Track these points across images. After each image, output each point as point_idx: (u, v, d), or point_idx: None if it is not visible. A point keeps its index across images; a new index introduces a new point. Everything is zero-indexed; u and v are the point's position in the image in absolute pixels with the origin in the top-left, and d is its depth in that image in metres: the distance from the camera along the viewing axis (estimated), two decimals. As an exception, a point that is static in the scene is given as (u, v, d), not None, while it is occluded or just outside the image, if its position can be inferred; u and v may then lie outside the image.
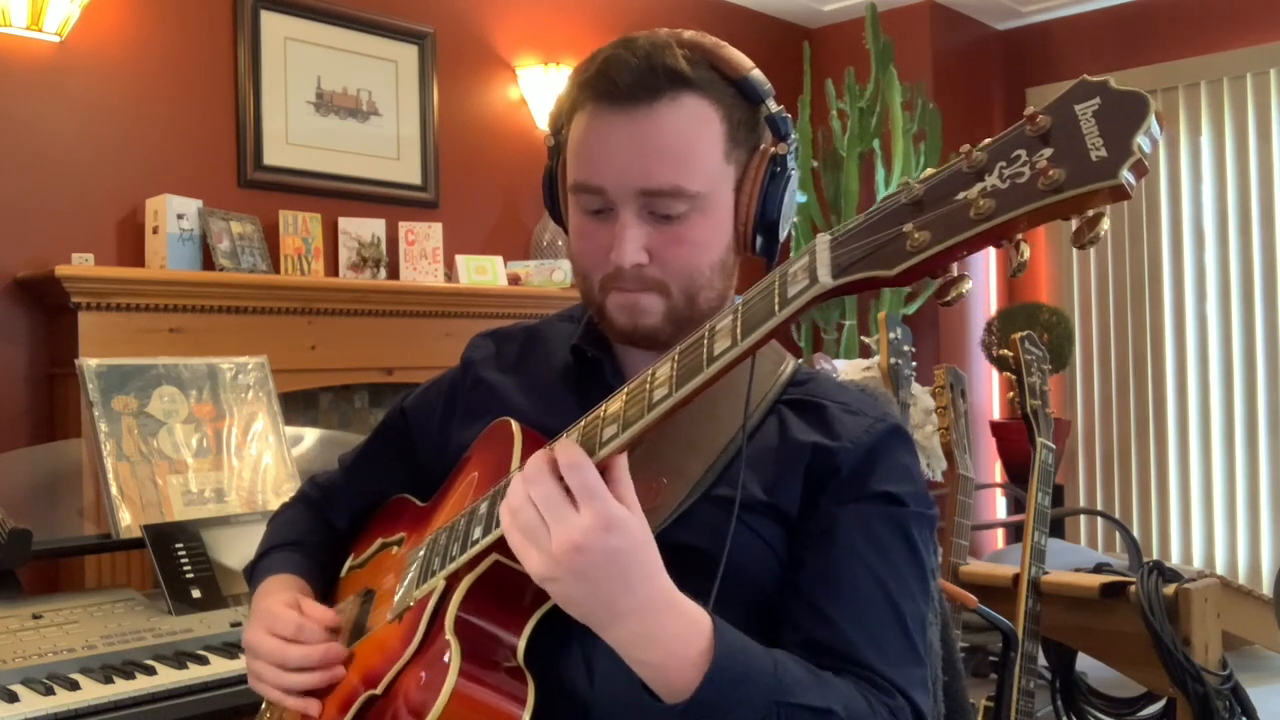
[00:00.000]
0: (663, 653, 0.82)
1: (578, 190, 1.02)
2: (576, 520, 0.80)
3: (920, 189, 0.73)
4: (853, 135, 4.62)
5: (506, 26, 4.26)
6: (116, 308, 3.00)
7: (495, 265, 3.96)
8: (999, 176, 0.70)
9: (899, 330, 2.52)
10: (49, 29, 3.02)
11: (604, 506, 0.80)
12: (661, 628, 0.82)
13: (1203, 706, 2.08)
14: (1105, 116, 0.68)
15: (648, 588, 0.82)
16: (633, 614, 0.82)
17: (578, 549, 0.79)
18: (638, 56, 0.97)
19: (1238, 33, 4.87)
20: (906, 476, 1.02)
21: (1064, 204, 0.67)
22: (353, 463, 1.29)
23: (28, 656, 1.54)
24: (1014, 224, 0.69)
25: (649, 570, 0.83)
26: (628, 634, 0.83)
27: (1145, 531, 5.14)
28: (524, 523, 0.82)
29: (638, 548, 0.82)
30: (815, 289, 0.75)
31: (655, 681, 0.84)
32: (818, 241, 0.78)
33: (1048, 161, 0.68)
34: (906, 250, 0.72)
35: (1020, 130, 0.71)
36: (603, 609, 0.82)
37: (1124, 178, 0.65)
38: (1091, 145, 0.67)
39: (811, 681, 0.89)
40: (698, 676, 0.82)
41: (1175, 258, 5.09)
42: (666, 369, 0.83)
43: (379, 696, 0.96)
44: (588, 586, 0.81)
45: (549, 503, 0.81)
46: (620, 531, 0.80)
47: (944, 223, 0.71)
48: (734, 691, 0.83)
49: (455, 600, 0.92)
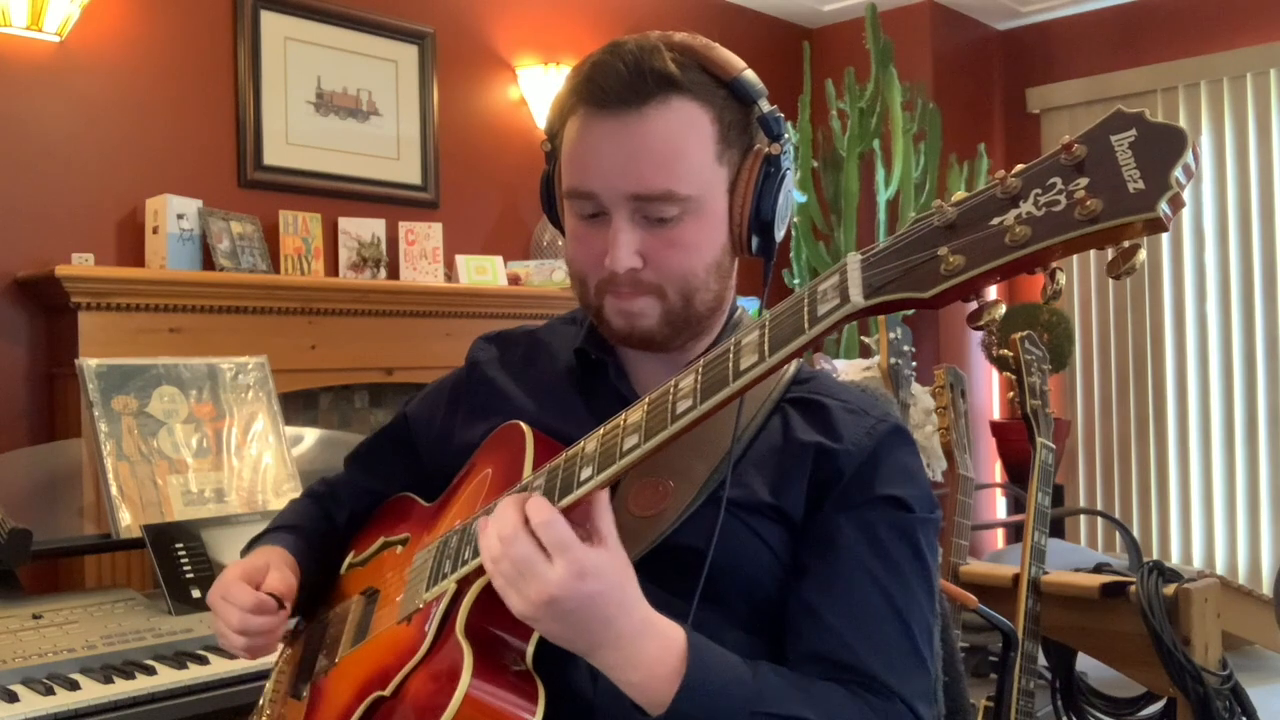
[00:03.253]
0: (642, 673, 0.86)
1: (571, 196, 1.02)
2: (551, 574, 0.83)
3: (954, 213, 0.73)
4: (853, 135, 4.62)
5: (506, 26, 4.26)
6: (116, 308, 3.00)
7: (495, 265, 3.96)
8: (1034, 204, 0.70)
9: (899, 330, 2.52)
10: (49, 29, 3.02)
11: (576, 557, 0.83)
12: (639, 651, 0.86)
13: (1203, 706, 2.08)
14: (1142, 148, 0.68)
15: (625, 619, 0.86)
16: (610, 644, 0.86)
17: (553, 600, 0.83)
18: (626, 61, 0.97)
19: (1238, 33, 4.87)
20: (910, 479, 1.02)
21: (1101, 234, 0.67)
22: (355, 461, 1.31)
23: (28, 656, 1.54)
24: (1050, 252, 0.69)
25: (626, 605, 0.86)
26: (608, 660, 0.87)
27: (1145, 531, 5.14)
28: (504, 572, 0.85)
29: (613, 588, 0.85)
30: (847, 308, 0.75)
31: (638, 698, 0.87)
32: (849, 261, 0.78)
33: (1085, 191, 0.68)
34: (941, 274, 0.72)
35: (1056, 158, 0.71)
36: (582, 642, 0.86)
37: (1162, 210, 0.66)
38: (1129, 177, 0.67)
39: (793, 692, 0.90)
40: (672, 691, 0.85)
41: (1175, 258, 5.09)
42: (690, 380, 0.83)
43: (388, 697, 0.96)
44: (567, 626, 0.85)
45: (523, 562, 0.84)
46: (594, 577, 0.84)
47: (979, 248, 0.71)
48: (709, 704, 0.86)
49: (466, 604, 0.92)
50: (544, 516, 0.84)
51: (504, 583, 0.86)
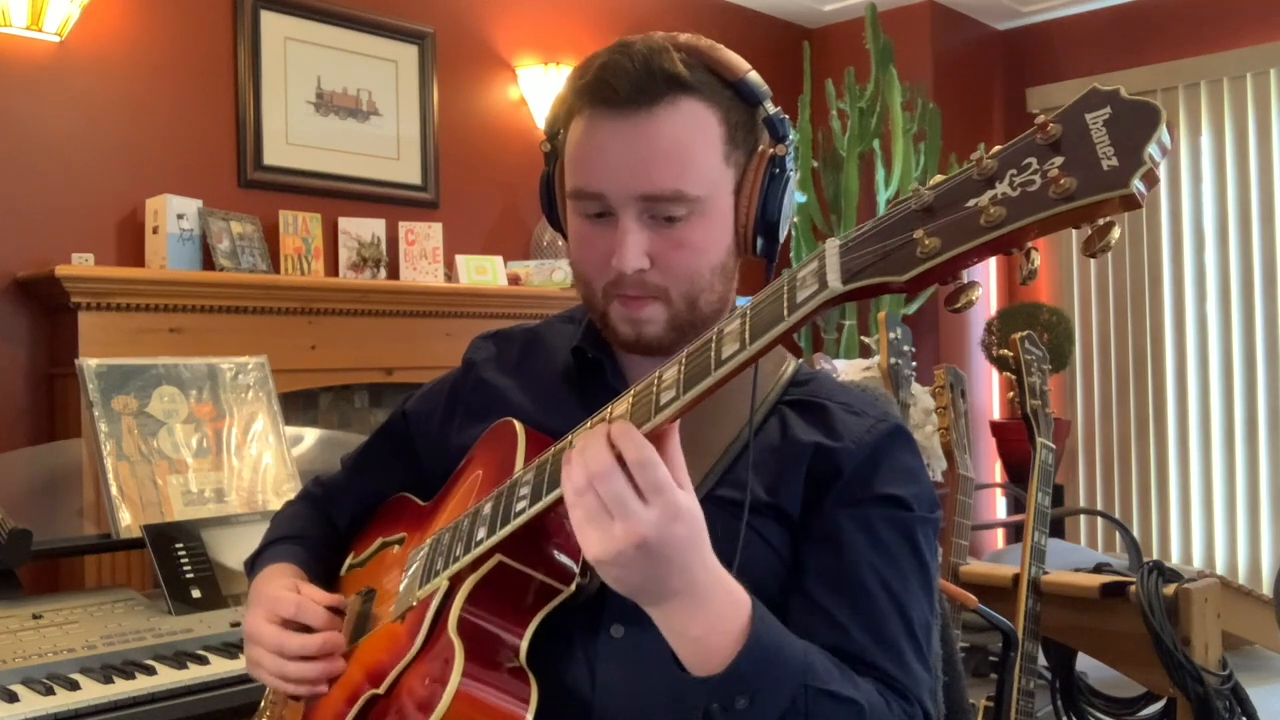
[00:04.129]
0: (705, 627, 0.83)
1: (577, 196, 1.01)
2: (645, 514, 0.79)
3: (930, 195, 0.73)
4: (853, 135, 4.62)
5: (506, 26, 4.26)
6: (116, 308, 3.00)
7: (495, 265, 3.96)
8: (1010, 184, 0.70)
9: (899, 330, 2.52)
10: (49, 29, 3.02)
11: (672, 499, 0.80)
12: (708, 602, 0.83)
13: (1203, 706, 2.08)
14: (1116, 125, 0.68)
15: (702, 569, 0.83)
16: (683, 592, 0.82)
17: (644, 541, 0.79)
18: (635, 61, 0.97)
19: (1238, 33, 4.87)
20: (910, 478, 1.02)
21: (1075, 212, 0.67)
22: (354, 462, 1.30)
23: (28, 656, 1.54)
24: (1025, 232, 0.69)
25: (704, 551, 0.83)
26: (674, 609, 0.83)
27: (1145, 531, 5.14)
28: (589, 506, 0.81)
29: (696, 533, 0.82)
30: (825, 294, 0.75)
31: (692, 654, 0.84)
32: (827, 246, 0.78)
33: (1059, 170, 0.68)
34: (917, 256, 0.72)
35: (1031, 138, 0.71)
36: (655, 588, 0.82)
37: (1135, 187, 0.66)
38: (1103, 154, 0.67)
39: (840, 673, 0.90)
40: (735, 649, 0.83)
41: (1175, 258, 5.09)
42: (674, 372, 0.83)
43: (381, 696, 0.96)
44: (647, 572, 0.81)
45: (615, 500, 0.80)
46: (684, 521, 0.81)
47: (955, 229, 0.71)
48: (768, 669, 0.84)
49: (458, 601, 0.92)
50: (641, 455, 0.80)
51: (586, 519, 0.81)
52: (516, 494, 0.91)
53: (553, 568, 0.95)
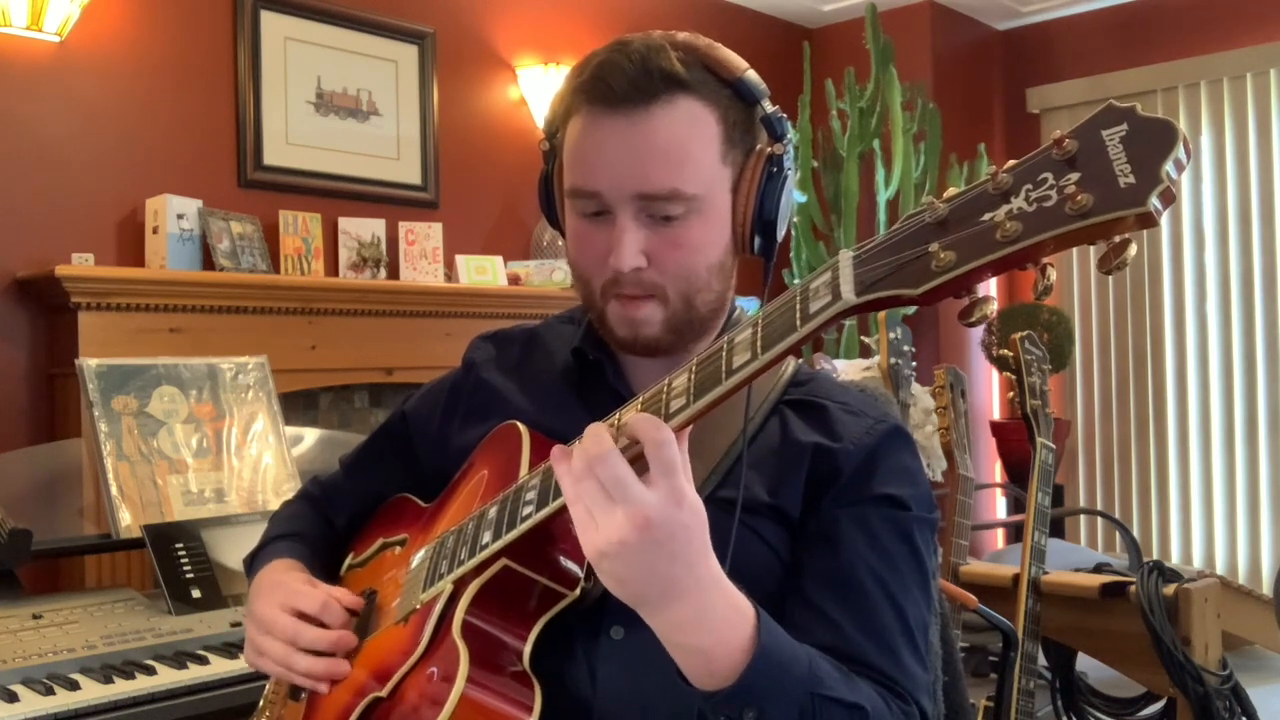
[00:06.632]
0: (711, 638, 0.81)
1: (574, 195, 1.01)
2: (648, 496, 0.77)
3: (945, 209, 0.73)
4: (853, 135, 4.62)
5: (506, 26, 4.26)
6: (116, 308, 3.00)
7: (495, 265, 3.97)
8: (1026, 199, 0.70)
9: (899, 330, 2.52)
10: (49, 29, 3.02)
11: (678, 484, 0.78)
12: (713, 609, 0.81)
13: (1203, 706, 2.08)
14: (1133, 143, 0.68)
15: (705, 566, 0.81)
16: (689, 593, 0.80)
17: (648, 524, 0.77)
18: (632, 60, 0.97)
19: (1238, 33, 4.87)
20: (909, 479, 1.02)
21: (1091, 229, 0.67)
22: (353, 463, 1.29)
23: (28, 656, 1.54)
24: (1041, 247, 0.69)
25: (706, 551, 0.82)
26: (679, 616, 0.81)
27: (1145, 531, 5.14)
28: (588, 493, 0.79)
29: (700, 527, 0.80)
30: (838, 305, 0.75)
31: (697, 668, 0.82)
32: (840, 258, 0.77)
33: (1075, 186, 0.68)
34: (932, 270, 0.71)
35: (1047, 153, 0.70)
36: (659, 586, 0.80)
37: (1152, 205, 0.65)
38: (1119, 171, 0.67)
39: (842, 678, 0.89)
40: (743, 661, 0.81)
41: (1175, 258, 5.09)
42: (684, 379, 0.83)
43: (384, 699, 0.96)
44: (649, 564, 0.78)
45: (616, 483, 0.78)
46: (690, 507, 0.79)
47: (970, 243, 0.71)
48: (776, 679, 0.83)
49: (462, 604, 0.92)
50: (659, 435, 0.79)
51: (586, 508, 0.79)
52: (523, 498, 0.91)
53: (557, 572, 0.95)
